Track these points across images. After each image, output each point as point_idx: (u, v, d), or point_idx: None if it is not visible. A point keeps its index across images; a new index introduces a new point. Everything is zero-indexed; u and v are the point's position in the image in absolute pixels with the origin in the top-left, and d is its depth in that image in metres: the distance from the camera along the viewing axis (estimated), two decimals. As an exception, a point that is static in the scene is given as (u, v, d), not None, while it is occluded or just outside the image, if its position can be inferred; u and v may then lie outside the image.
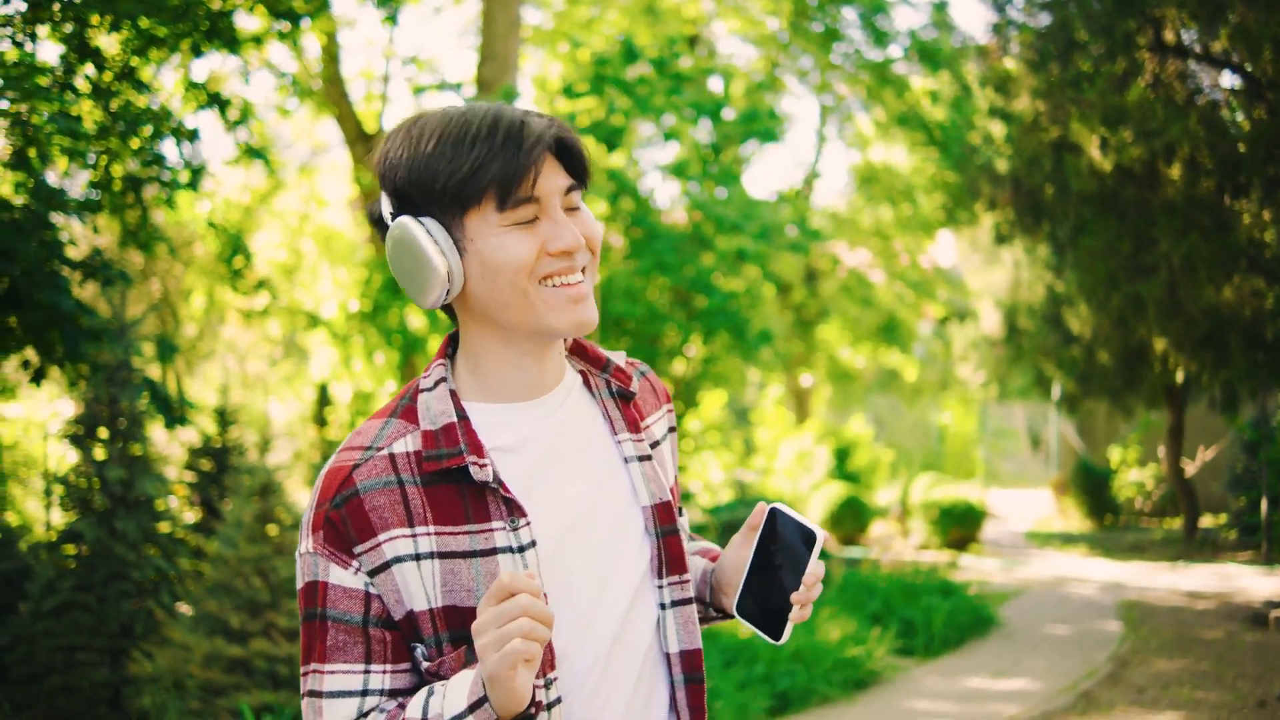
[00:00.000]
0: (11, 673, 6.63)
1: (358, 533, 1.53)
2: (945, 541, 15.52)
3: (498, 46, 14.27)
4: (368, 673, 1.55)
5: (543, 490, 1.60)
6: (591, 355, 1.77)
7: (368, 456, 1.57)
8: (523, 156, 1.53)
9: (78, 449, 7.12)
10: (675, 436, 1.87)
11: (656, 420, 1.82)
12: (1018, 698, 7.58)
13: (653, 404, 1.83)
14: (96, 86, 8.38)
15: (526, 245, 1.56)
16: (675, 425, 1.88)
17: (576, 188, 1.62)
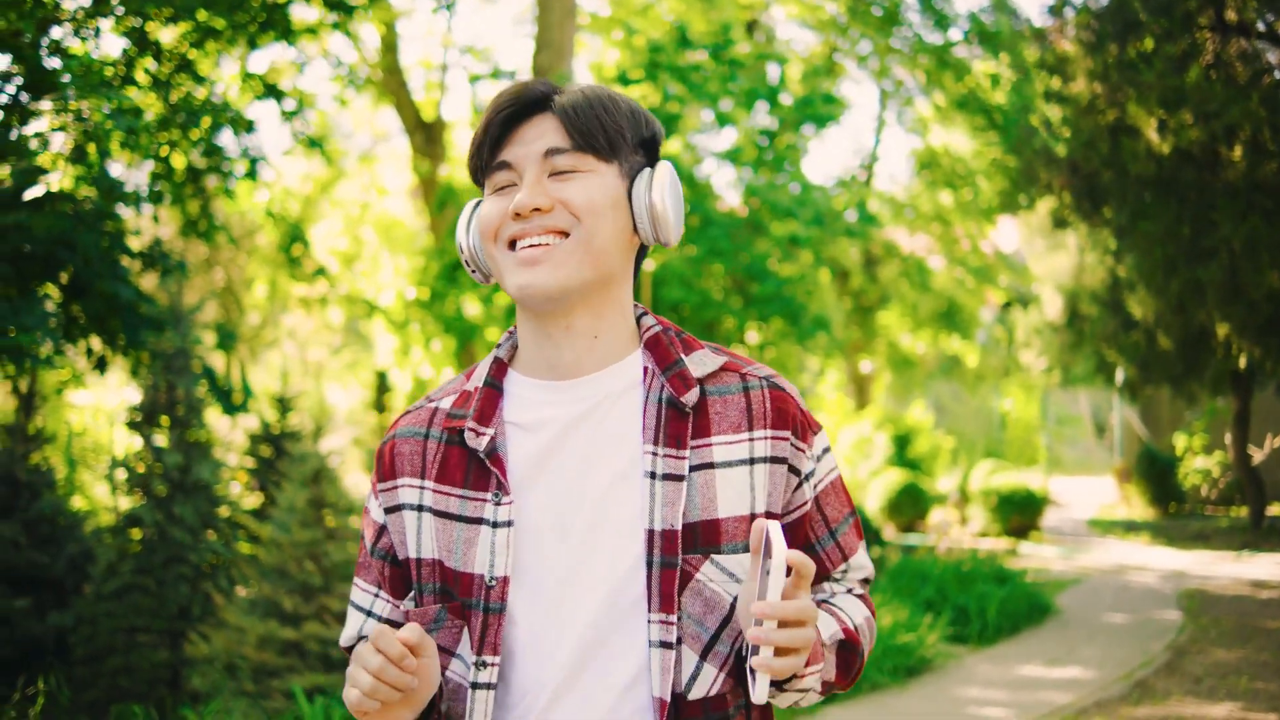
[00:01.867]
0: (75, 652, 6.80)
1: (386, 472, 1.66)
2: (1005, 529, 15.39)
3: (553, 34, 14.31)
4: (376, 597, 1.69)
5: (541, 475, 1.58)
6: (661, 353, 1.61)
7: (419, 406, 1.69)
8: (490, 125, 1.58)
9: (139, 435, 7.27)
10: (785, 468, 1.58)
11: (735, 441, 1.56)
12: (1071, 686, 7.52)
13: (736, 423, 1.57)
14: (156, 79, 8.53)
15: (495, 208, 1.58)
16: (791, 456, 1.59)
17: (563, 151, 1.55)
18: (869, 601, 1.72)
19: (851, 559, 1.69)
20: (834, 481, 1.67)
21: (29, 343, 6.58)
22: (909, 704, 7.17)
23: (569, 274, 1.54)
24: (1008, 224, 22.46)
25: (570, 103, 1.56)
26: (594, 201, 1.55)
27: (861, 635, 1.64)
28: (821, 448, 1.65)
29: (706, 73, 12.28)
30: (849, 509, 1.70)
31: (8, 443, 7.61)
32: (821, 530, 1.66)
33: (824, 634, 1.54)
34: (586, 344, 1.60)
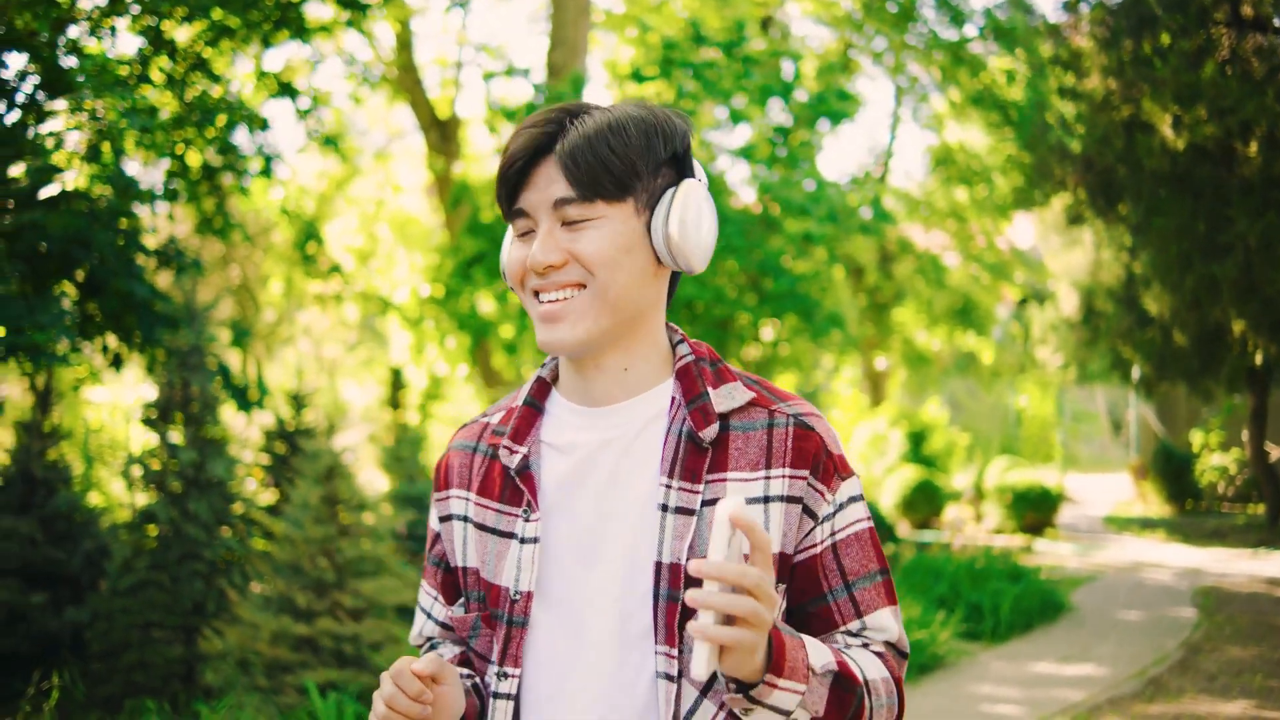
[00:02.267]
0: (91, 648, 6.84)
1: (440, 483, 1.75)
2: (1020, 526, 15.37)
3: (567, 32, 14.32)
4: (435, 600, 1.78)
5: (570, 497, 1.60)
6: (688, 384, 1.60)
7: (474, 420, 1.78)
8: (506, 173, 1.58)
9: (154, 432, 7.31)
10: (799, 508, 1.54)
11: (751, 479, 1.54)
12: (1084, 683, 7.51)
13: (755, 461, 1.54)
14: (171, 78, 8.57)
15: (515, 256, 1.60)
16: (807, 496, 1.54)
17: (571, 201, 1.53)
18: (891, 664, 1.57)
19: (869, 618, 1.57)
20: (859, 534, 1.59)
21: (45, 341, 6.62)
22: (921, 701, 7.17)
23: (588, 327, 1.55)
24: (1024, 220, 22.40)
25: (571, 148, 1.53)
26: (604, 254, 1.53)
27: (867, 686, 1.50)
28: (848, 495, 1.58)
29: (720, 70, 12.27)
30: (877, 566, 1.59)
31: (24, 440, 7.66)
32: (836, 581, 1.57)
33: (814, 660, 1.44)
34: (616, 377, 1.61)
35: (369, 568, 6.43)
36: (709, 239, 1.59)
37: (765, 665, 1.39)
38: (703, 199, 1.58)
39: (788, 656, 1.40)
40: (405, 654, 6.26)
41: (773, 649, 1.39)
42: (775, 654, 1.39)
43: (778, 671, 1.39)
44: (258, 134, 9.43)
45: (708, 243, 1.59)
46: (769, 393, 1.61)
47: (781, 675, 1.40)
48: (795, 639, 1.43)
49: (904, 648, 1.61)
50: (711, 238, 1.60)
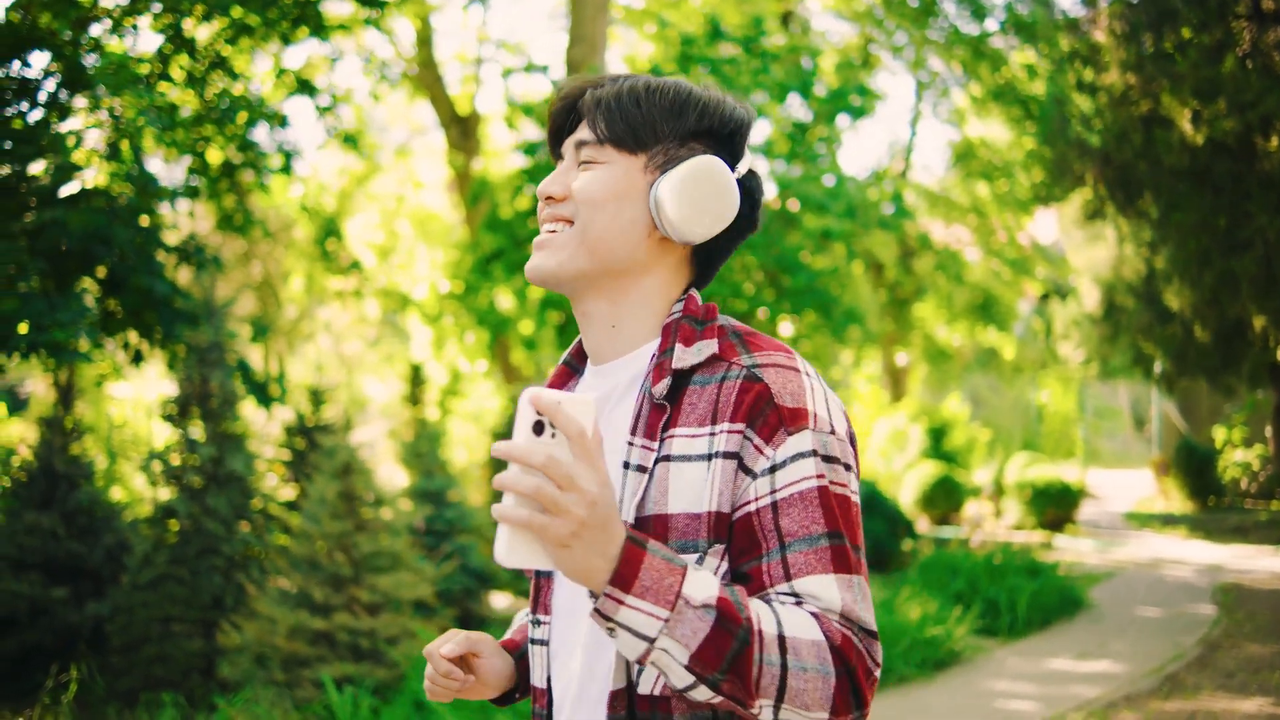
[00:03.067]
0: (112, 641, 6.91)
1: None
2: (1040, 522, 15.33)
3: (586, 28, 14.34)
4: None
5: None
6: (662, 342, 1.58)
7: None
8: (550, 120, 1.68)
9: (174, 427, 7.37)
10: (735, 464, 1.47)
11: (697, 435, 1.49)
12: (1100, 680, 7.50)
13: (702, 416, 1.50)
14: (191, 76, 8.63)
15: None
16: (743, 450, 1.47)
17: (587, 142, 1.59)
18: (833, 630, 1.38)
19: (798, 583, 1.41)
20: (805, 493, 1.44)
21: (66, 338, 6.69)
22: (936, 697, 7.17)
23: (561, 261, 1.59)
24: (1046, 215, 22.31)
25: (598, 96, 1.59)
26: (589, 192, 1.58)
27: (762, 637, 1.34)
28: (795, 451, 1.45)
29: (738, 65, 12.27)
30: (823, 529, 1.43)
31: (47, 435, 7.74)
32: (774, 542, 1.43)
33: (689, 589, 1.33)
34: (605, 332, 1.63)
35: (386, 563, 6.48)
36: (705, 216, 1.57)
37: (611, 577, 1.31)
38: (713, 178, 1.56)
39: (641, 573, 1.31)
40: (420, 648, 6.31)
41: (621, 560, 1.31)
42: (621, 565, 1.31)
43: (623, 586, 1.31)
44: (277, 131, 9.50)
45: (701, 218, 1.56)
46: (743, 345, 1.55)
47: (629, 591, 1.31)
48: (665, 561, 1.33)
49: (861, 622, 1.41)
50: (710, 217, 1.57)
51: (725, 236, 1.63)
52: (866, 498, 11.82)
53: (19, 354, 6.92)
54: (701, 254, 1.65)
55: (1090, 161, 10.64)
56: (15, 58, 7.54)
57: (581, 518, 1.27)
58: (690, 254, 1.64)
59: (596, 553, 1.30)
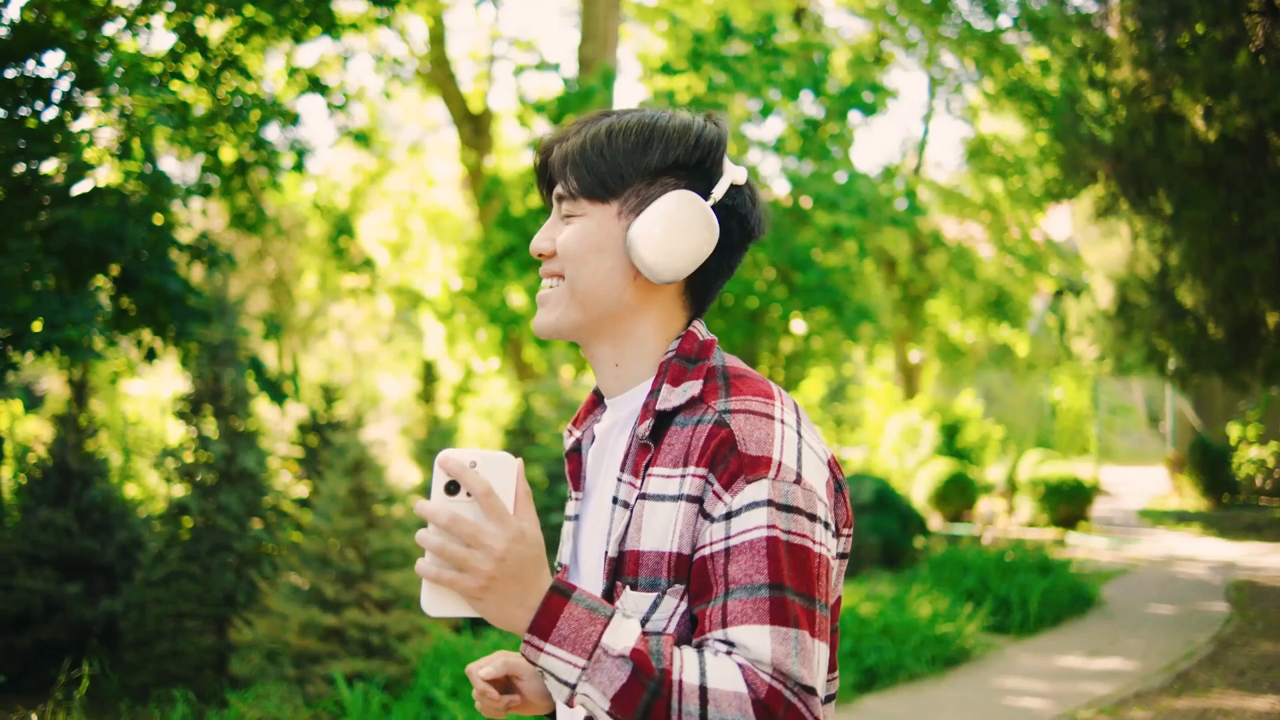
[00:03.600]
0: (125, 637, 6.95)
1: None
2: (1053, 519, 15.30)
3: (598, 25, 14.36)
4: None
5: (593, 482, 1.71)
6: (655, 381, 1.61)
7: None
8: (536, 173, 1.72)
9: (186, 425, 7.41)
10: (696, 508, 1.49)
11: (670, 476, 1.52)
12: (1111, 677, 7.49)
13: (675, 458, 1.53)
14: (204, 74, 8.67)
15: None
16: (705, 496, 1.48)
17: (564, 197, 1.62)
18: (758, 682, 1.37)
19: (732, 630, 1.41)
20: (754, 542, 1.44)
21: (79, 336, 6.73)
22: (946, 693, 7.17)
23: (558, 317, 1.64)
24: (1061, 212, 22.24)
25: (565, 150, 1.63)
26: (569, 248, 1.61)
27: (679, 687, 1.38)
28: (751, 500, 1.45)
29: (750, 62, 12.27)
30: (766, 579, 1.42)
31: (61, 433, 7.79)
32: (720, 588, 1.44)
33: (609, 639, 1.40)
34: (611, 371, 1.67)
35: (396, 559, 6.51)
36: (681, 254, 1.57)
37: (529, 626, 1.40)
38: (684, 214, 1.56)
39: (560, 623, 1.39)
40: (431, 645, 6.34)
41: (540, 610, 1.39)
42: (540, 615, 1.39)
43: (541, 634, 1.39)
44: (289, 129, 9.54)
45: (677, 257, 1.57)
46: (726, 389, 1.56)
47: (547, 640, 1.39)
48: (587, 610, 1.40)
49: (795, 677, 1.39)
50: (686, 253, 1.57)
51: (716, 259, 1.64)
52: (878, 495, 11.81)
53: (33, 352, 6.97)
54: (696, 283, 1.65)
55: (1102, 158, 10.60)
56: (30, 57, 7.58)
57: (489, 573, 1.38)
58: (683, 286, 1.65)
59: (514, 603, 1.40)
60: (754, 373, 1.61)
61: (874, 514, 11.51)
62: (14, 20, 7.44)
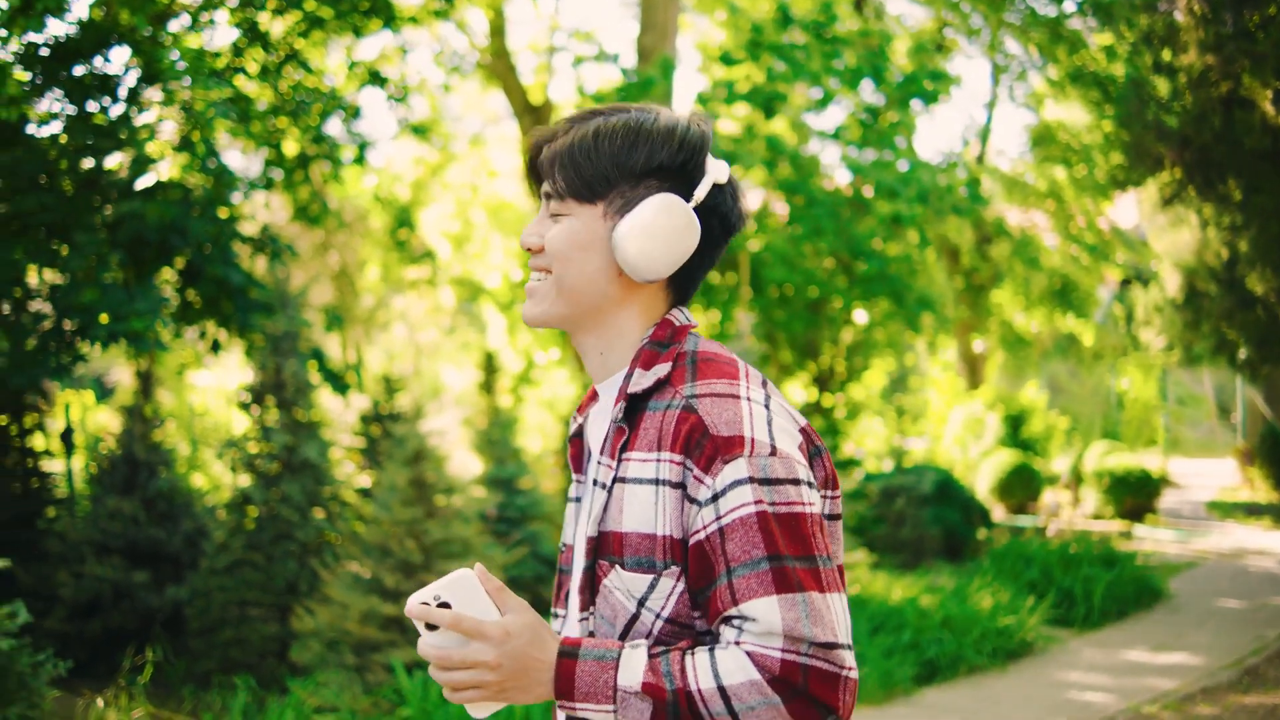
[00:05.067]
0: (191, 624, 7.07)
1: None
2: (1119, 511, 15.08)
3: (657, 15, 14.33)
4: None
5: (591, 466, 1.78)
6: (630, 366, 1.69)
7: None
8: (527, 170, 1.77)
9: (248, 415, 7.51)
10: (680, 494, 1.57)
11: (646, 460, 1.60)
12: (1177, 672, 7.38)
13: (649, 442, 1.60)
14: (265, 69, 8.77)
15: None
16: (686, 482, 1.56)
17: (551, 196, 1.69)
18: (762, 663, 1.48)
19: (743, 606, 1.51)
20: (745, 518, 1.52)
21: (144, 328, 6.84)
22: (1008, 687, 7.11)
23: (544, 310, 1.72)
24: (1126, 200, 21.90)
25: (554, 151, 1.68)
26: (557, 246, 1.68)
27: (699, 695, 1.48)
28: (732, 479, 1.53)
29: (809, 51, 12.19)
30: (762, 553, 1.51)
31: (128, 423, 7.92)
32: (722, 567, 1.52)
33: (624, 676, 1.51)
34: (597, 359, 1.76)
35: (456, 549, 6.55)
36: (664, 254, 1.64)
37: (555, 693, 1.54)
38: (667, 217, 1.63)
39: (577, 682, 1.52)
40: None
41: (558, 679, 1.53)
42: (559, 683, 1.53)
43: (567, 696, 1.53)
44: (350, 122, 9.62)
45: (659, 258, 1.64)
46: (693, 373, 1.63)
47: (573, 699, 1.53)
48: (596, 661, 1.52)
49: (808, 639, 1.48)
50: (669, 254, 1.64)
51: (697, 255, 1.72)
52: (940, 486, 11.69)
53: (100, 343, 7.09)
54: (678, 276, 1.73)
55: (1169, 144, 10.41)
56: (97, 54, 7.71)
57: (496, 681, 1.53)
58: (665, 279, 1.72)
59: (533, 684, 1.55)
60: (723, 354, 1.69)
61: (936, 505, 11.41)
62: (82, 19, 7.57)
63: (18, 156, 7.55)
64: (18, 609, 4.74)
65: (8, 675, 4.62)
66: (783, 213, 12.90)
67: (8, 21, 6.79)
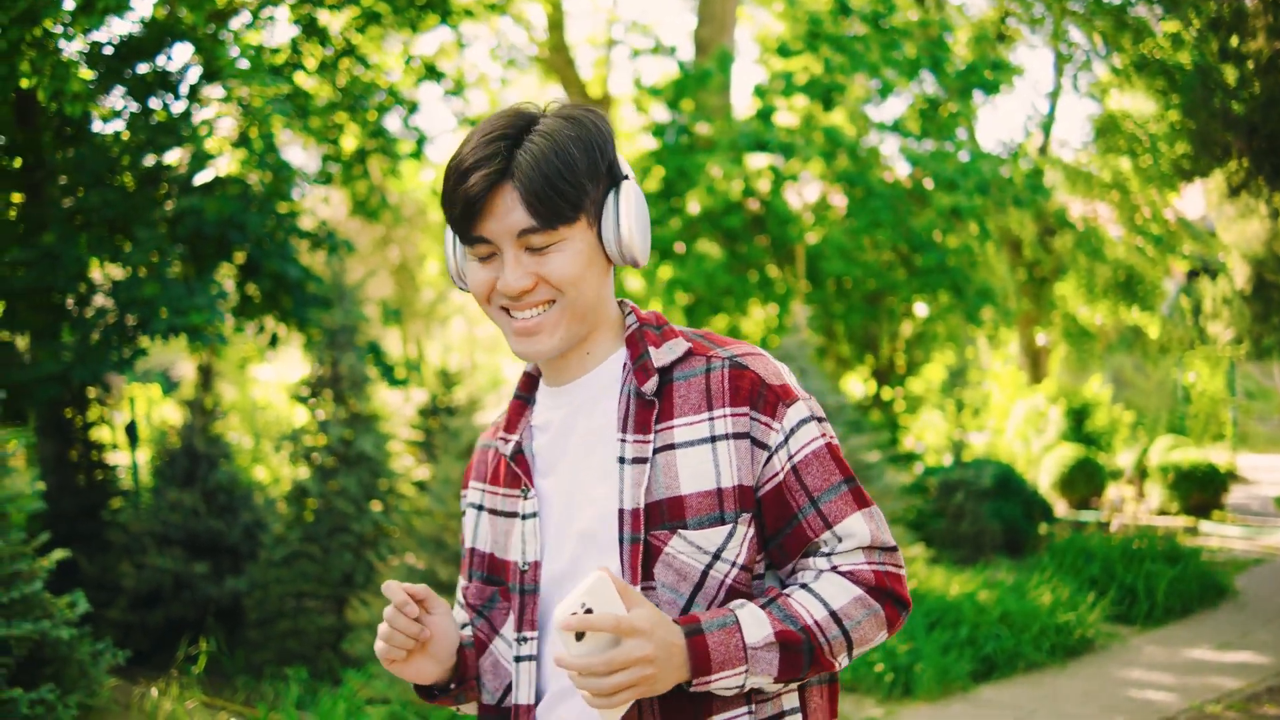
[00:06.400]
0: (249, 616, 7.15)
1: (466, 479, 1.95)
2: (1184, 506, 14.83)
3: (715, 7, 14.30)
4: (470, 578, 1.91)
5: (551, 471, 1.78)
6: (633, 348, 1.75)
7: (494, 422, 1.94)
8: (464, 204, 1.66)
9: (305, 409, 7.58)
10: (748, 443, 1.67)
11: (695, 421, 1.68)
12: (1241, 671, 7.24)
13: (696, 404, 1.68)
14: (323, 64, 8.84)
15: (482, 278, 1.72)
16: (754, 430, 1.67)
17: (534, 230, 1.64)
18: (864, 576, 1.69)
19: (838, 526, 1.68)
20: (817, 451, 1.70)
21: (203, 322, 6.92)
22: (1067, 684, 7.01)
23: (563, 336, 1.71)
24: (1194, 190, 21.53)
25: (529, 182, 1.62)
26: (571, 274, 1.68)
27: (826, 628, 1.64)
28: (797, 419, 1.69)
29: (867, 43, 12.09)
30: (841, 477, 1.70)
31: (189, 416, 8.03)
32: (803, 499, 1.68)
33: (750, 635, 1.60)
34: (580, 358, 1.78)
35: (509, 542, 6.56)
36: (647, 234, 1.73)
37: (691, 672, 1.58)
38: (637, 196, 1.72)
39: (712, 656, 1.58)
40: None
41: (694, 659, 1.57)
42: (696, 662, 1.58)
43: (705, 673, 1.59)
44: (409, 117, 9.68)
45: (647, 235, 1.73)
46: (709, 343, 1.75)
47: (711, 672, 1.59)
48: (720, 628, 1.59)
49: (884, 544, 1.71)
50: (648, 230, 1.74)
51: None
52: (1000, 479, 11.56)
53: (160, 337, 7.19)
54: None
55: (1236, 132, 10.23)
56: (159, 52, 7.82)
57: (652, 674, 1.54)
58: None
59: (674, 669, 1.57)
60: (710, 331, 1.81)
61: (996, 500, 11.28)
62: (145, 18, 7.68)
63: (82, 153, 7.68)
64: (77, 599, 4.82)
65: (68, 664, 4.69)
66: (841, 205, 12.81)
67: (70, 20, 6.90)
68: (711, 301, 12.20)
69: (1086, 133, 22.12)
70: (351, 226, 13.99)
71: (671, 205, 12.23)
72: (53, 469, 8.12)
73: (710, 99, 12.69)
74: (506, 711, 1.78)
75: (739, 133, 11.76)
